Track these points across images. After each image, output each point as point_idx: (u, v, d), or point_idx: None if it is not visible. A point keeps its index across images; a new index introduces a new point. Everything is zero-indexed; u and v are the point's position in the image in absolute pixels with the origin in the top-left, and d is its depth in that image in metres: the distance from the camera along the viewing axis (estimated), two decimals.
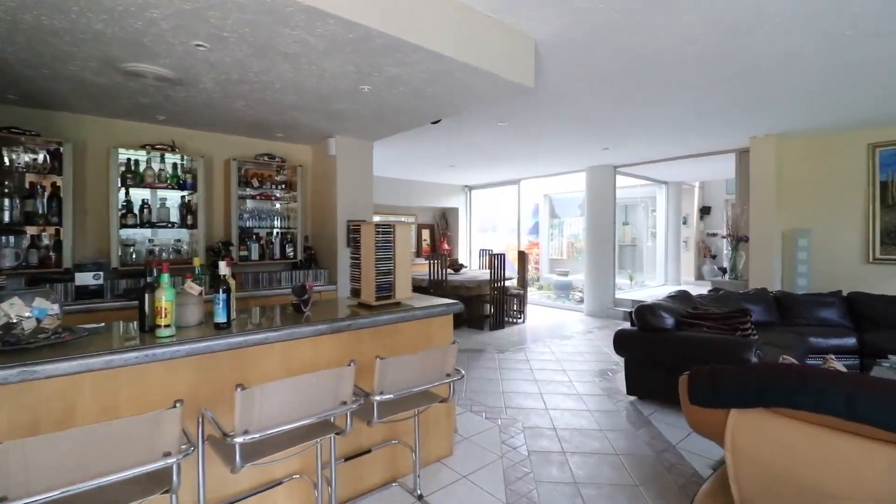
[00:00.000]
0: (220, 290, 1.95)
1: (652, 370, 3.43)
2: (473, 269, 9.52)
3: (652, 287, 9.25)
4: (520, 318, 6.94)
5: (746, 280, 5.57)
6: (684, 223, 10.37)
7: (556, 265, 11.75)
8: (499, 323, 6.35)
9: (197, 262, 2.19)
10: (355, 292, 2.65)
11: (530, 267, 11.79)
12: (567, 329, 6.41)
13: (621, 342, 3.57)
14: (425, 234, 9.98)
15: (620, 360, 4.37)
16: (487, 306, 6.30)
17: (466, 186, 9.98)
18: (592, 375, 4.21)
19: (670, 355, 3.28)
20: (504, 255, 6.34)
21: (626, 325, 7.06)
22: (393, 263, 2.56)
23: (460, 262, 8.24)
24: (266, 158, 3.82)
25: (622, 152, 6.29)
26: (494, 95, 2.89)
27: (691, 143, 5.82)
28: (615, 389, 3.83)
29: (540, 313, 7.68)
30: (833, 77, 3.34)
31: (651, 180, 9.15)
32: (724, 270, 5.91)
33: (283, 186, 3.92)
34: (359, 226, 2.61)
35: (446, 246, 9.94)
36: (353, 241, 2.65)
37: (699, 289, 9.43)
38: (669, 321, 3.38)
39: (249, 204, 3.84)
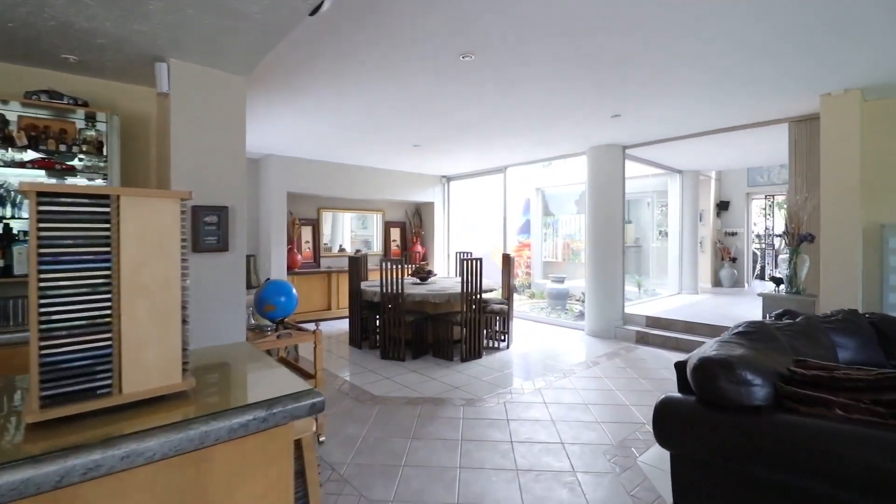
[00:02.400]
0: None
1: (725, 477, 1.85)
2: (450, 276, 7.94)
3: (665, 297, 7.71)
4: (503, 340, 5.36)
5: (814, 295, 4.02)
6: (699, 220, 8.84)
7: (550, 269, 10.21)
8: (474, 351, 4.76)
9: None
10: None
11: (520, 271, 10.25)
12: (565, 358, 4.82)
13: (667, 424, 1.98)
14: (395, 233, 8.39)
15: (645, 420, 2.78)
16: (460, 328, 4.70)
17: (444, 177, 8.40)
18: (608, 457, 2.63)
19: (768, 459, 1.70)
20: (480, 259, 4.76)
21: (639, 348, 5.50)
22: (112, 299, 0.96)
23: (429, 267, 6.65)
24: (45, 98, 2.21)
25: (636, 123, 4.73)
26: None
27: (730, 108, 4.27)
28: (650, 493, 2.25)
29: (530, 332, 6.10)
30: None
31: (663, 168, 7.62)
32: (777, 281, 4.37)
33: (85, 147, 2.31)
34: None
35: (419, 248, 8.34)
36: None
37: (718, 297, 7.86)
38: (761, 392, 1.80)
39: (14, 177, 2.22)
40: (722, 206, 9.45)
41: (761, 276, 10.93)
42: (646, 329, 5.59)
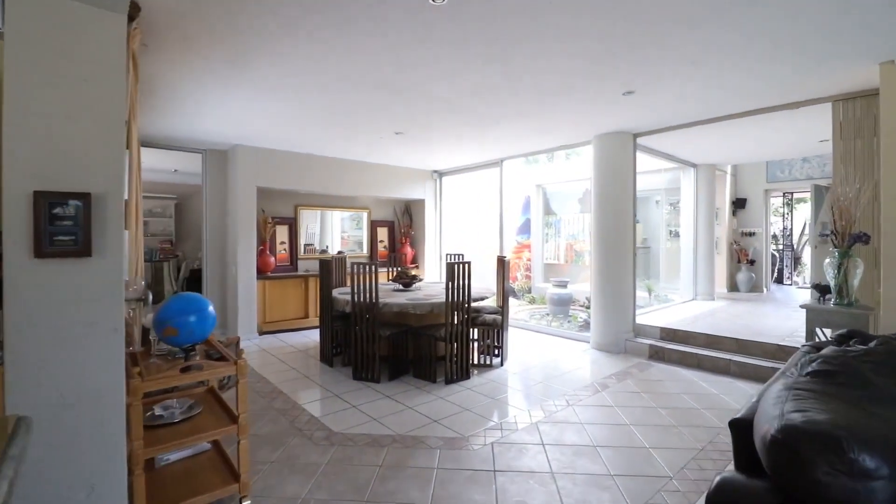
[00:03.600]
0: None
1: None
2: (442, 280, 7.26)
3: (678, 303, 7.00)
4: (497, 355, 4.67)
5: (869, 308, 3.31)
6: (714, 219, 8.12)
7: (551, 272, 9.52)
8: (461, 370, 4.07)
9: None
10: None
11: (519, 274, 9.57)
12: (568, 378, 4.13)
13: None
14: (382, 233, 7.71)
15: (671, 471, 2.09)
16: (444, 344, 4.01)
17: (435, 172, 7.71)
18: None
19: None
20: (468, 263, 4.07)
21: (654, 366, 4.38)
22: None
23: (414, 271, 5.97)
24: None
25: (651, 103, 4.03)
26: None
27: (763, 83, 3.57)
28: None
29: (528, 345, 5.41)
30: None
31: (677, 161, 6.91)
32: (823, 290, 3.66)
33: None
34: None
35: (409, 249, 7.67)
36: None
37: (737, 304, 6.89)
38: (887, 489, 1.11)
39: None
40: (738, 204, 8.73)
41: (779, 280, 10.21)
42: (660, 343, 4.88)
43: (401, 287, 4.98)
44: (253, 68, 3.12)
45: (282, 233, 6.51)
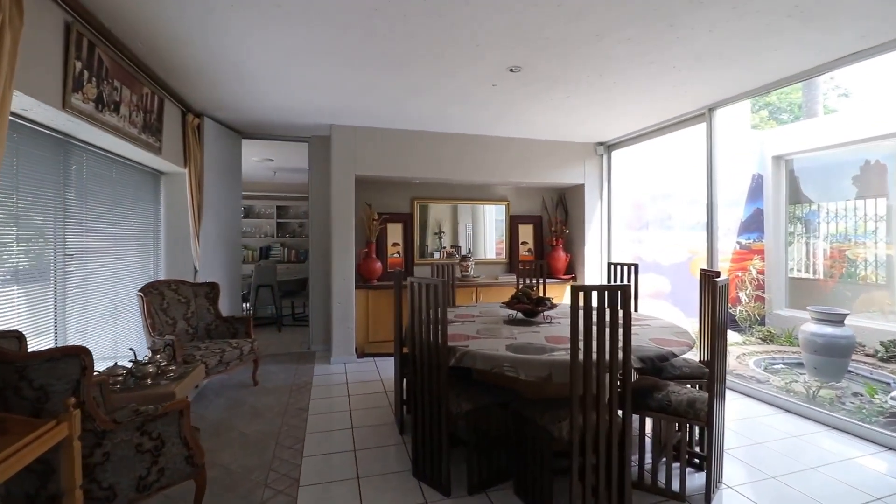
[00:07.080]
0: None
1: None
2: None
3: None
4: (697, 466, 2.35)
5: None
6: None
7: (803, 293, 6.10)
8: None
9: None
10: None
11: (744, 295, 6.45)
12: None
13: None
14: (525, 232, 5.86)
15: None
16: (571, 444, 1.98)
17: (600, 144, 5.46)
18: None
19: None
20: (625, 286, 1.93)
21: None
22: None
23: (540, 293, 3.95)
24: None
25: None
26: None
27: None
28: None
29: (762, 434, 2.82)
30: None
31: None
32: None
33: None
34: None
35: (562, 254, 5.60)
36: None
37: None
38: None
39: None
40: None
41: None
42: None
43: (519, 317, 3.09)
44: None
45: (394, 233, 5.31)
